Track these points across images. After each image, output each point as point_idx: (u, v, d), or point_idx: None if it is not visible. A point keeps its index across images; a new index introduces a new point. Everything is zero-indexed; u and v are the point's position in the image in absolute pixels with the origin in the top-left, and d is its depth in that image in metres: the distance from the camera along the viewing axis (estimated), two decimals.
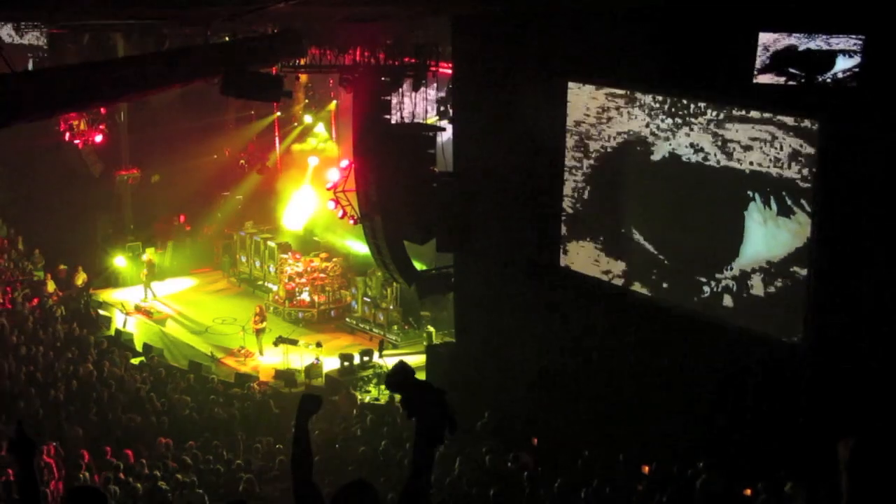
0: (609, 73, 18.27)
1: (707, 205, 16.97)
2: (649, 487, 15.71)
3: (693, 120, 16.75)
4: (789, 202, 15.47)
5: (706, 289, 17.05)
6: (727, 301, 16.76)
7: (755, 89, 14.79)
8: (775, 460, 16.11)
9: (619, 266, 18.73)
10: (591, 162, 19.01)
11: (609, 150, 18.56)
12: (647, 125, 17.62)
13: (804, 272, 15.40)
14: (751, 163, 15.82)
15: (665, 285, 17.92)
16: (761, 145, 15.60)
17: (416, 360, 24.06)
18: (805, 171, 15.07)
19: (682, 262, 17.52)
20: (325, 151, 33.71)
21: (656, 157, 17.54)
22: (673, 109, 17.12)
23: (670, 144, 17.23)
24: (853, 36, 13.63)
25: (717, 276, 16.84)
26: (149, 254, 32.37)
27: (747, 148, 15.84)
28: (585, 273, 19.43)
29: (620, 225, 18.74)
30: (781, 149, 15.34)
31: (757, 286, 16.21)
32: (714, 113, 16.38)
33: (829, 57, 13.73)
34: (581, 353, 19.68)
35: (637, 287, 18.42)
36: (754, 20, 14.65)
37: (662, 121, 17.30)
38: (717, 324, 16.98)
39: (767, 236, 15.90)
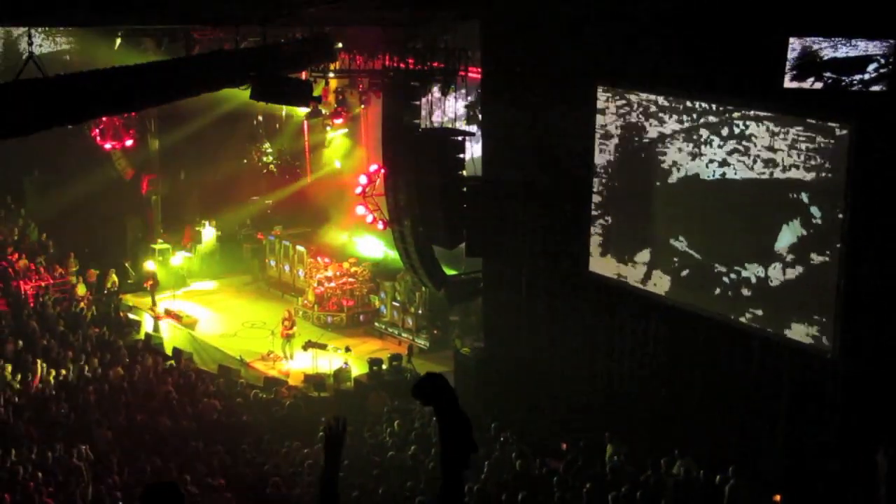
0: (638, 78, 18.21)
1: (737, 208, 16.88)
2: (677, 493, 15.67)
3: (723, 124, 16.66)
4: (821, 206, 15.37)
5: (736, 293, 16.96)
6: (759, 305, 16.66)
7: (785, 94, 14.74)
8: (804, 468, 16.03)
9: (648, 271, 18.66)
10: (622, 167, 18.95)
11: (639, 154, 18.49)
12: (677, 130, 17.54)
13: (835, 276, 15.30)
14: (782, 167, 15.73)
15: (695, 291, 17.84)
16: (792, 149, 15.51)
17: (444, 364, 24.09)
18: (836, 176, 14.97)
19: (712, 266, 17.41)
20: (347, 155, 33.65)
21: (686, 161, 17.45)
22: (703, 113, 17.04)
23: (700, 148, 17.14)
24: (883, 40, 13.56)
25: (748, 280, 16.74)
26: (149, 267, 31.87)
27: (778, 151, 15.74)
28: (614, 277, 19.36)
29: (651, 230, 18.67)
30: (812, 153, 15.25)
31: (788, 290, 16.12)
32: (744, 117, 16.30)
33: (860, 61, 13.66)
34: (609, 358, 19.63)
35: (667, 292, 18.34)
36: (784, 25, 14.59)
37: (692, 125, 17.22)
38: (748, 330, 16.88)
39: (798, 240, 15.80)
